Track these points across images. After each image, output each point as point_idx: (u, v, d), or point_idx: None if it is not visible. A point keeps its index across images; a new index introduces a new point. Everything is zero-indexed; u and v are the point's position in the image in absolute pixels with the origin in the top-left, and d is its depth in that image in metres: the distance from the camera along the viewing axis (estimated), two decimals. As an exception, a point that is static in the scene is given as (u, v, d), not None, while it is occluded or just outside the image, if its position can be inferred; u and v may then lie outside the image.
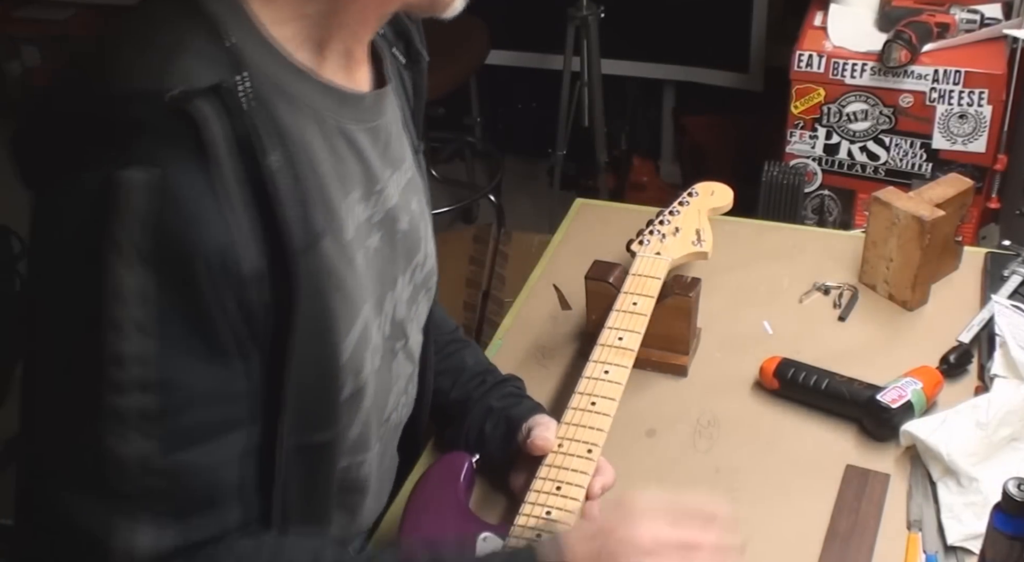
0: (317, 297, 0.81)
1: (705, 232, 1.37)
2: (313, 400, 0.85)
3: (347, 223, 0.86)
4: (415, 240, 1.02)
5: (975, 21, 2.18)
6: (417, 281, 1.04)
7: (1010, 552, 0.96)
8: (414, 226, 1.01)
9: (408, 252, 1.00)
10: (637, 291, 1.26)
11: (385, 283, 0.96)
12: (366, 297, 0.90)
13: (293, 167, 0.78)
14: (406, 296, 1.02)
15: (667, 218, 1.39)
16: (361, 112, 0.89)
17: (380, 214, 0.93)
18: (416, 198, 1.02)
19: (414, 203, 1.01)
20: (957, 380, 1.29)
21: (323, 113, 0.83)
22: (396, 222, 0.96)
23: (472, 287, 2.38)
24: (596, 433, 1.09)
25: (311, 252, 0.79)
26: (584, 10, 2.79)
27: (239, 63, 0.76)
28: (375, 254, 0.93)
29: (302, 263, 0.78)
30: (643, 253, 1.33)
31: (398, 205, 0.96)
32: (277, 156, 0.76)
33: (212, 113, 0.72)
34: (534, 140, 3.40)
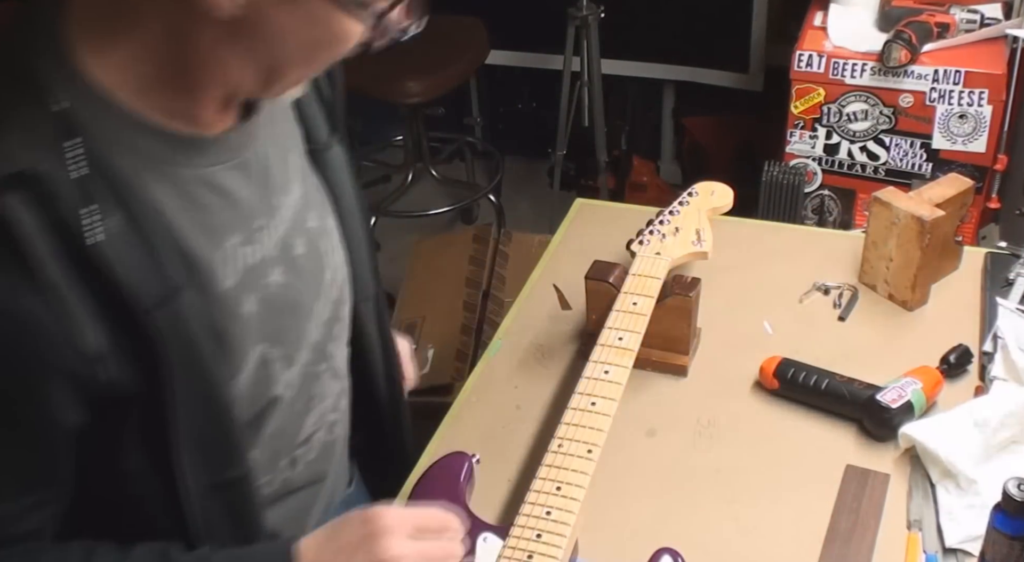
0: (186, 349, 0.80)
1: (705, 232, 1.37)
2: (212, 444, 0.85)
3: (222, 272, 0.83)
4: (317, 259, 0.97)
5: (975, 21, 2.18)
6: (332, 298, 1.01)
7: (1010, 552, 0.96)
8: (313, 245, 0.96)
9: (314, 275, 0.97)
10: (637, 291, 1.26)
11: (302, 314, 0.94)
12: (264, 336, 0.88)
13: (138, 227, 0.76)
14: (324, 318, 0.99)
15: (667, 218, 1.39)
16: (221, 153, 0.84)
17: (275, 249, 0.90)
18: (314, 213, 0.97)
19: (311, 220, 0.97)
20: (957, 380, 1.29)
21: (175, 165, 0.80)
22: (292, 249, 0.93)
23: (472, 287, 2.38)
24: (596, 433, 1.09)
25: (166, 308, 0.77)
26: (584, 10, 2.79)
27: (69, 128, 0.73)
28: (279, 290, 0.90)
29: (157, 321, 0.76)
30: (643, 253, 1.33)
31: (291, 232, 0.92)
32: (116, 219, 0.74)
33: (22, 204, 0.70)
34: (534, 140, 3.40)
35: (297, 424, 0.99)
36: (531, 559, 0.98)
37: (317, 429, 1.02)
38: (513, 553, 0.99)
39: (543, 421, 1.29)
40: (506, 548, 1.00)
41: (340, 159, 1.04)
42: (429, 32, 1.07)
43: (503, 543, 1.01)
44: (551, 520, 1.01)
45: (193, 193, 0.81)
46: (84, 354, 0.74)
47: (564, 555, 0.99)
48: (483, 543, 1.04)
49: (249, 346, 0.87)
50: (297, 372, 0.94)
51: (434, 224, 3.35)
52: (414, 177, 3.33)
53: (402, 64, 2.84)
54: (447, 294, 2.35)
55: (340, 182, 1.03)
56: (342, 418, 1.09)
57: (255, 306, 0.87)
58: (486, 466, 1.18)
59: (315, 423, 1.02)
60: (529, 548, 0.99)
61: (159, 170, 0.79)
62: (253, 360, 0.88)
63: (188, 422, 0.82)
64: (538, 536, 1.00)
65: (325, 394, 1.02)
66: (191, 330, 0.80)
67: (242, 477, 0.90)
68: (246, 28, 0.74)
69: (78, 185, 0.72)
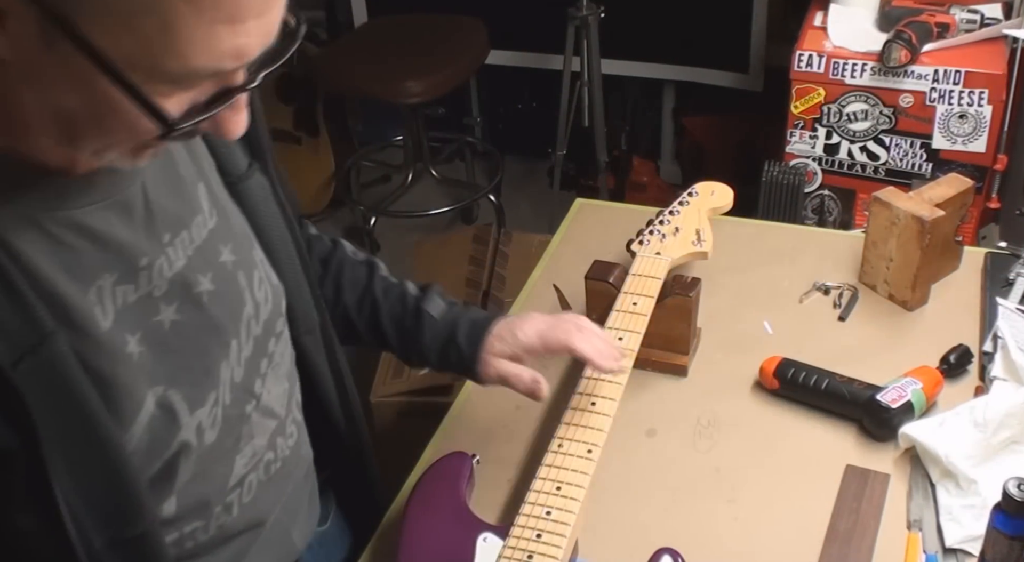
0: (61, 398, 0.75)
1: (705, 232, 1.37)
2: (106, 498, 0.80)
3: (96, 314, 0.78)
4: (234, 295, 0.92)
5: (975, 21, 2.18)
6: (256, 334, 0.95)
7: (1010, 552, 0.96)
8: (226, 281, 0.91)
9: (231, 311, 0.91)
10: (637, 291, 1.26)
11: (209, 353, 0.89)
12: (159, 378, 0.83)
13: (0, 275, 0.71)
14: (246, 355, 0.93)
15: (667, 218, 1.39)
16: (92, 193, 0.78)
17: (163, 287, 0.84)
18: (230, 245, 0.92)
19: (224, 253, 0.91)
20: (957, 380, 1.29)
21: (34, 208, 0.74)
22: (193, 287, 0.87)
23: (472, 287, 2.38)
24: (596, 433, 1.09)
25: (36, 357, 0.73)
26: (584, 10, 2.79)
27: None
28: (174, 328, 0.85)
29: (24, 371, 0.72)
30: (643, 253, 1.33)
31: (190, 268, 0.87)
32: None
33: None
34: (534, 140, 3.40)
35: (224, 468, 0.93)
36: (531, 559, 0.98)
37: (250, 470, 0.96)
38: (513, 553, 0.99)
39: (543, 421, 1.29)
40: (506, 548, 1.00)
41: (262, 190, 0.99)
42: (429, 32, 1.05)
43: (503, 543, 1.01)
44: (551, 520, 1.01)
45: (59, 236, 0.76)
46: None
47: (564, 555, 0.99)
48: (483, 543, 1.04)
49: (142, 389, 0.82)
50: (213, 414, 0.89)
51: (434, 224, 3.35)
52: (414, 177, 3.33)
53: (402, 64, 2.84)
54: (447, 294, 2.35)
55: (263, 213, 0.99)
56: (283, 456, 1.01)
57: (141, 346, 0.82)
58: (486, 466, 1.18)
59: (246, 464, 0.96)
60: (529, 548, 0.99)
61: (18, 213, 0.74)
62: (150, 404, 0.82)
63: (75, 478, 0.77)
64: (538, 536, 1.00)
65: (254, 433, 0.96)
66: (69, 377, 0.75)
67: (146, 533, 0.83)
68: (23, 74, 0.67)
69: None
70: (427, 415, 1.38)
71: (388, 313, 1.17)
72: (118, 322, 0.80)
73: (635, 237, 1.36)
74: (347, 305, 1.18)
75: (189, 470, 0.88)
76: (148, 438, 0.82)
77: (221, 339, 0.90)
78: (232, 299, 0.92)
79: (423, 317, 1.15)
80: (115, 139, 0.72)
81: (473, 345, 1.13)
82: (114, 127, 0.70)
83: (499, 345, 1.12)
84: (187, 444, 0.86)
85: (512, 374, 1.10)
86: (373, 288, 1.18)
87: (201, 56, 0.65)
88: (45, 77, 0.67)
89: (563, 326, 1.11)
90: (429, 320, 1.15)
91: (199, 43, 0.65)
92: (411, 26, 3.03)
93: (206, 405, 0.88)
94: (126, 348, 0.81)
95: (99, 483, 0.79)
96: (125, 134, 0.71)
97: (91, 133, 0.71)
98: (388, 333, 1.17)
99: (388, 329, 1.17)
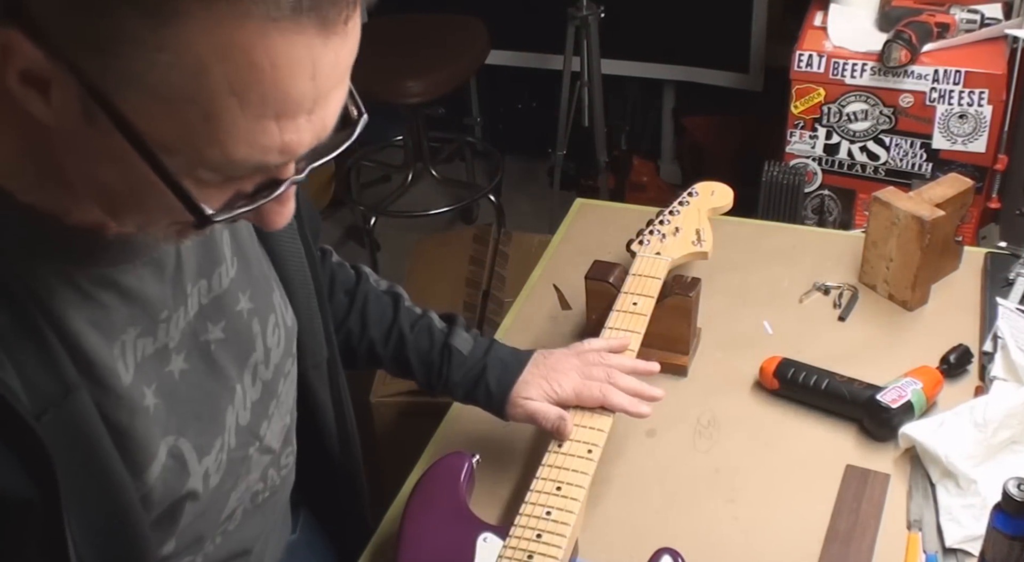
0: (79, 450, 0.75)
1: (705, 232, 1.37)
2: (111, 541, 0.80)
3: (120, 368, 0.78)
4: (244, 342, 0.91)
5: (975, 21, 2.18)
6: (265, 378, 0.95)
7: (1010, 552, 0.96)
8: (237, 330, 0.90)
9: (236, 358, 0.91)
10: (637, 291, 1.26)
11: (215, 400, 0.89)
12: (171, 428, 0.83)
13: (28, 327, 0.71)
14: (253, 398, 0.94)
15: (667, 218, 1.39)
16: (130, 253, 0.78)
17: (176, 338, 0.84)
18: (248, 292, 0.92)
19: (242, 302, 0.91)
20: (957, 380, 1.29)
21: (68, 265, 0.74)
22: (200, 335, 0.87)
23: (472, 287, 2.38)
24: (596, 433, 1.09)
25: (59, 410, 0.73)
26: (584, 10, 2.79)
27: None
28: (183, 377, 0.85)
29: (47, 423, 0.72)
30: (643, 253, 1.33)
31: (202, 317, 0.87)
32: (3, 320, 0.70)
33: None
34: (534, 140, 3.40)
35: (220, 507, 0.93)
36: (531, 559, 0.98)
37: (240, 504, 0.97)
38: (513, 553, 0.99)
39: (543, 421, 1.29)
40: (506, 548, 1.00)
41: (288, 229, 0.97)
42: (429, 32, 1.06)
43: (503, 543, 1.01)
44: (551, 520, 1.01)
45: (91, 293, 0.76)
46: None
47: (564, 555, 0.99)
48: (483, 543, 1.04)
49: (156, 439, 0.82)
50: (218, 460, 0.89)
51: (434, 224, 3.35)
52: (414, 177, 3.33)
53: (402, 64, 2.84)
54: (447, 294, 2.34)
55: (287, 252, 0.99)
56: (271, 486, 1.02)
57: (156, 398, 0.82)
58: (486, 466, 1.18)
59: (238, 499, 0.96)
60: (529, 548, 0.99)
61: (54, 270, 0.74)
62: (162, 455, 0.82)
63: (85, 526, 0.77)
64: (538, 536, 1.00)
65: (251, 470, 0.96)
66: (90, 430, 0.75)
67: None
68: (67, 143, 0.67)
69: None
70: (427, 415, 1.37)
71: (415, 348, 1.19)
72: (137, 375, 0.80)
73: (635, 237, 1.36)
74: (373, 339, 1.20)
75: (192, 513, 0.88)
76: (159, 486, 0.82)
77: (227, 385, 0.90)
78: (241, 347, 0.91)
79: (452, 355, 1.17)
80: (154, 218, 0.71)
81: (503, 388, 1.14)
82: (153, 208, 0.68)
83: (533, 392, 1.13)
84: (194, 491, 0.86)
85: (540, 413, 1.11)
86: (399, 322, 1.20)
87: (245, 149, 0.63)
88: (87, 149, 0.65)
89: (596, 385, 1.12)
90: (458, 358, 1.17)
91: (244, 136, 0.62)
92: (411, 26, 3.03)
93: (212, 452, 0.88)
94: (144, 401, 0.80)
95: (107, 530, 0.79)
96: (164, 216, 0.69)
97: (132, 209, 0.70)
98: (414, 367, 1.19)
99: (414, 363, 1.19)
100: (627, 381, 1.13)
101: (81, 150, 0.66)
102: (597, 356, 1.15)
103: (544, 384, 1.13)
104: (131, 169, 0.64)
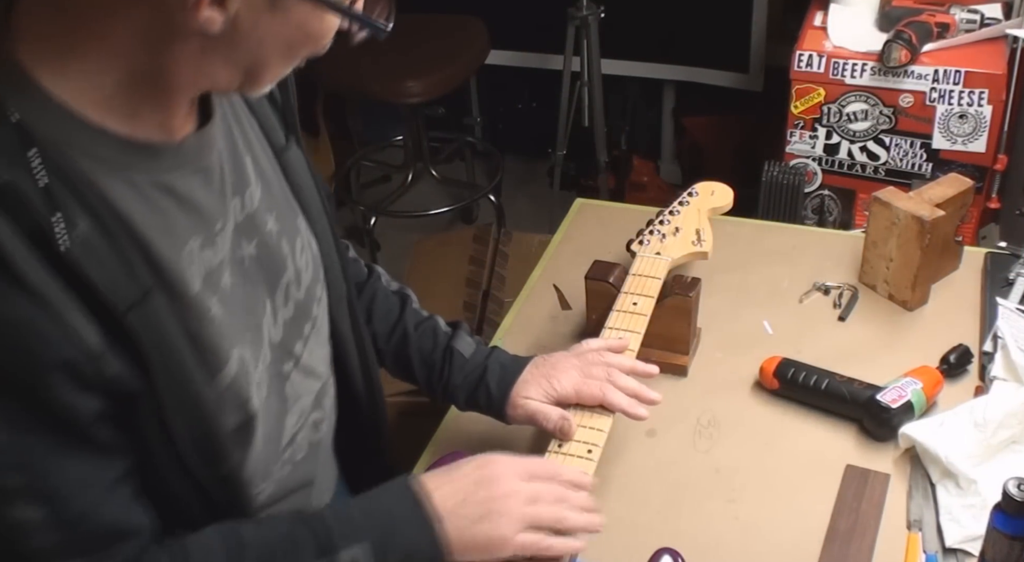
0: (161, 351, 0.81)
1: (705, 232, 1.37)
2: (198, 441, 0.86)
3: (188, 276, 0.84)
4: (275, 262, 0.97)
5: (975, 21, 2.18)
6: (298, 298, 1.01)
7: (1010, 552, 0.96)
8: (271, 246, 0.97)
9: (268, 277, 0.96)
10: (637, 291, 1.26)
11: (255, 314, 0.94)
12: (236, 338, 0.89)
13: (106, 231, 0.77)
14: (286, 318, 0.99)
15: (667, 218, 1.39)
16: (182, 160, 0.85)
17: (225, 251, 0.90)
18: (274, 214, 0.98)
19: (269, 223, 0.97)
20: (957, 380, 1.29)
21: (134, 172, 0.81)
22: (239, 250, 0.93)
23: (472, 287, 2.38)
24: (596, 433, 1.09)
25: (141, 310, 0.79)
26: (584, 10, 2.79)
27: (27, 139, 0.74)
28: (232, 290, 0.90)
29: (133, 321, 0.78)
30: (643, 253, 1.33)
31: (238, 233, 0.93)
32: (85, 225, 0.76)
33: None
34: (534, 140, 3.40)
35: (278, 427, 0.99)
36: (531, 559, 0.98)
37: (299, 428, 1.02)
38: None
39: (543, 421, 1.29)
40: None
41: (300, 161, 1.04)
42: (429, 32, 1.06)
43: None
44: None
45: (153, 198, 0.82)
46: (86, 351, 0.75)
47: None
48: None
49: (224, 348, 0.87)
50: (261, 373, 0.94)
51: (434, 224, 3.35)
52: (414, 177, 3.33)
53: (402, 64, 2.84)
54: (447, 294, 2.35)
55: (303, 184, 1.04)
56: (327, 416, 1.09)
57: (219, 307, 0.87)
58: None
59: (296, 423, 1.02)
60: None
61: (120, 176, 0.80)
62: (232, 363, 0.88)
63: (173, 422, 0.83)
64: None
65: (300, 393, 1.02)
66: (167, 332, 0.81)
67: (227, 476, 0.91)
68: (229, 37, 0.76)
69: (44, 194, 0.74)
70: (427, 415, 1.37)
71: (417, 347, 1.21)
72: (204, 285, 0.86)
73: (635, 237, 1.36)
74: (376, 333, 1.22)
75: (259, 436, 0.93)
76: (230, 396, 0.88)
77: (260, 302, 0.95)
78: (272, 265, 0.97)
79: (453, 356, 1.19)
80: (298, 58, 0.83)
81: (503, 390, 1.15)
82: (302, 46, 0.82)
83: (533, 391, 1.14)
84: (254, 402, 0.91)
85: (540, 414, 1.12)
86: (405, 320, 1.22)
87: None
88: (257, 33, 0.77)
89: (596, 383, 1.12)
90: (459, 360, 1.18)
91: None
92: (411, 26, 3.03)
93: (259, 364, 0.93)
94: (210, 311, 0.86)
95: (191, 427, 0.85)
96: (313, 47, 0.82)
97: (277, 62, 0.83)
98: (415, 366, 1.21)
99: (416, 362, 1.21)
100: (626, 381, 1.13)
101: (249, 36, 0.77)
102: (597, 356, 1.16)
103: (544, 383, 1.14)
104: (297, 23, 0.79)
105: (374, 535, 0.91)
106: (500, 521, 0.94)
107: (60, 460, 0.79)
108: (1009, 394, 1.20)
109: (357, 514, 0.93)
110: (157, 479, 0.86)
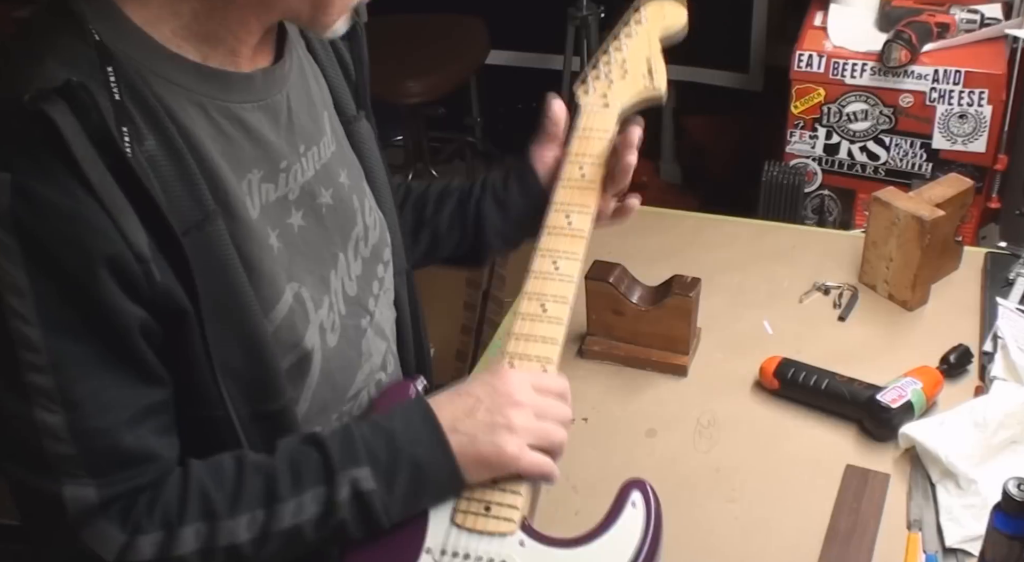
0: (217, 274, 0.83)
1: (656, 61, 1.21)
2: (249, 372, 0.88)
3: (248, 203, 0.87)
4: (347, 214, 1.01)
5: (975, 21, 2.19)
6: (365, 256, 1.04)
7: (1010, 552, 0.96)
8: (343, 199, 1.00)
9: (342, 227, 1.00)
10: (584, 152, 1.15)
11: (324, 261, 0.97)
12: (293, 274, 0.92)
13: (173, 151, 0.81)
14: (356, 273, 1.02)
15: (613, 54, 1.24)
16: (250, 92, 0.89)
17: (295, 192, 0.93)
18: (345, 170, 1.02)
19: (342, 176, 1.01)
20: (957, 380, 1.29)
21: (204, 97, 0.85)
22: (316, 198, 0.96)
23: (472, 287, 2.38)
24: (549, 346, 0.99)
25: (200, 232, 0.82)
26: (584, 10, 2.79)
27: (106, 57, 0.79)
28: (300, 232, 0.94)
29: (189, 243, 0.80)
30: (588, 104, 1.19)
31: (316, 180, 0.96)
32: (152, 142, 0.79)
33: (68, 114, 0.75)
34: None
35: (347, 378, 1.01)
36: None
37: (365, 386, 1.04)
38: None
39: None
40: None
41: (368, 134, 1.09)
42: (429, 32, 1.07)
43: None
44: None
45: (221, 125, 0.86)
46: (136, 252, 0.77)
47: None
48: None
49: (282, 281, 0.90)
50: (331, 319, 0.96)
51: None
52: (414, 177, 3.33)
53: (402, 64, 2.84)
54: (447, 294, 2.35)
55: (371, 156, 1.08)
56: (390, 379, 1.10)
57: (279, 242, 0.90)
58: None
59: (364, 380, 1.04)
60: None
61: (192, 101, 0.84)
62: (288, 296, 0.90)
63: (224, 348, 0.85)
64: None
65: (372, 352, 1.04)
66: (225, 255, 0.83)
67: (279, 411, 0.91)
68: None
69: (117, 106, 0.78)
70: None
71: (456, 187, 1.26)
72: (263, 215, 0.89)
73: (579, 80, 1.21)
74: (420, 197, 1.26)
75: (317, 369, 0.95)
76: (285, 328, 0.90)
77: (331, 250, 0.98)
78: (345, 216, 1.00)
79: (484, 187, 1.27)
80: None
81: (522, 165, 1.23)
82: None
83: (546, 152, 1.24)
84: (314, 341, 0.94)
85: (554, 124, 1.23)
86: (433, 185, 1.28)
87: None
88: None
89: None
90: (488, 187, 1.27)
91: None
92: (411, 26, 3.03)
93: (324, 307, 0.95)
94: (269, 240, 0.89)
95: (243, 358, 0.87)
96: None
97: None
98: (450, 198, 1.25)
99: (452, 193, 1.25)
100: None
101: None
102: None
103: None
104: None
105: (380, 454, 0.89)
106: (508, 437, 0.91)
107: (93, 370, 0.79)
108: (1009, 394, 1.20)
109: (365, 433, 0.91)
110: (197, 415, 0.87)
